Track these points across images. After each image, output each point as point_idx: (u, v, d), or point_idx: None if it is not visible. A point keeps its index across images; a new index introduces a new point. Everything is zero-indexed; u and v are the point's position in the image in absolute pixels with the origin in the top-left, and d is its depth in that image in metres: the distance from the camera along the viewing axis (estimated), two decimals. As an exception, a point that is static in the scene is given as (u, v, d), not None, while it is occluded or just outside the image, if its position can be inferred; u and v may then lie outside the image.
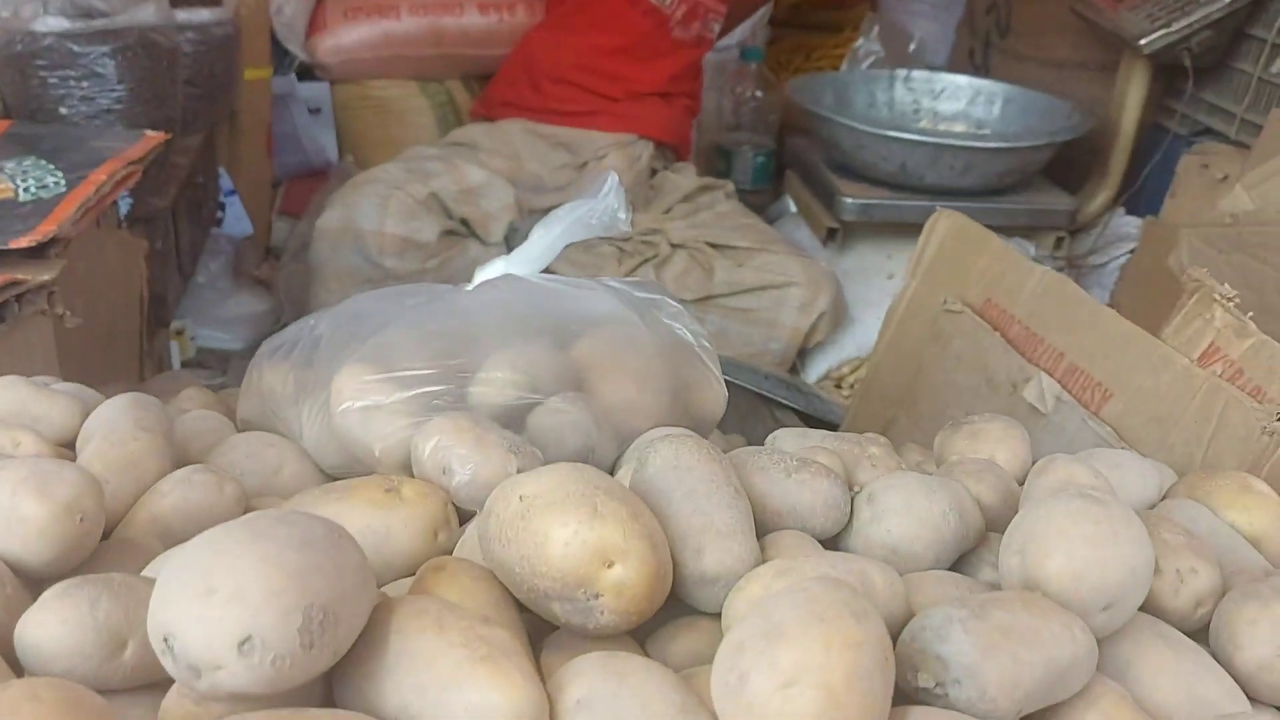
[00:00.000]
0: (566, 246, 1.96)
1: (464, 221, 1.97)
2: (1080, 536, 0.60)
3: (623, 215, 0.91)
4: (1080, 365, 1.14)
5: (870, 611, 0.51)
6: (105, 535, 0.70)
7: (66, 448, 0.78)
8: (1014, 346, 1.25)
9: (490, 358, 0.82)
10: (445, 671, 0.50)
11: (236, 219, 2.21)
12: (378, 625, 0.53)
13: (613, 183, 0.92)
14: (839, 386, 1.96)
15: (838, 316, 1.96)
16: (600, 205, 0.91)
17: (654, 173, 2.16)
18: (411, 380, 0.80)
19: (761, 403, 1.64)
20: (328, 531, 0.52)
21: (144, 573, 0.61)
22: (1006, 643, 0.54)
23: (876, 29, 2.58)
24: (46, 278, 1.12)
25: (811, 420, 1.63)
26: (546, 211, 1.01)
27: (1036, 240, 2.11)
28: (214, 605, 0.46)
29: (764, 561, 0.62)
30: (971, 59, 2.62)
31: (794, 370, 2.00)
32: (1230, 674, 0.64)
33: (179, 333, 1.98)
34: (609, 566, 0.56)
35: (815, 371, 1.99)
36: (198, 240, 2.00)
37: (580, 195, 0.96)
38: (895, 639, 0.58)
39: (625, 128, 2.18)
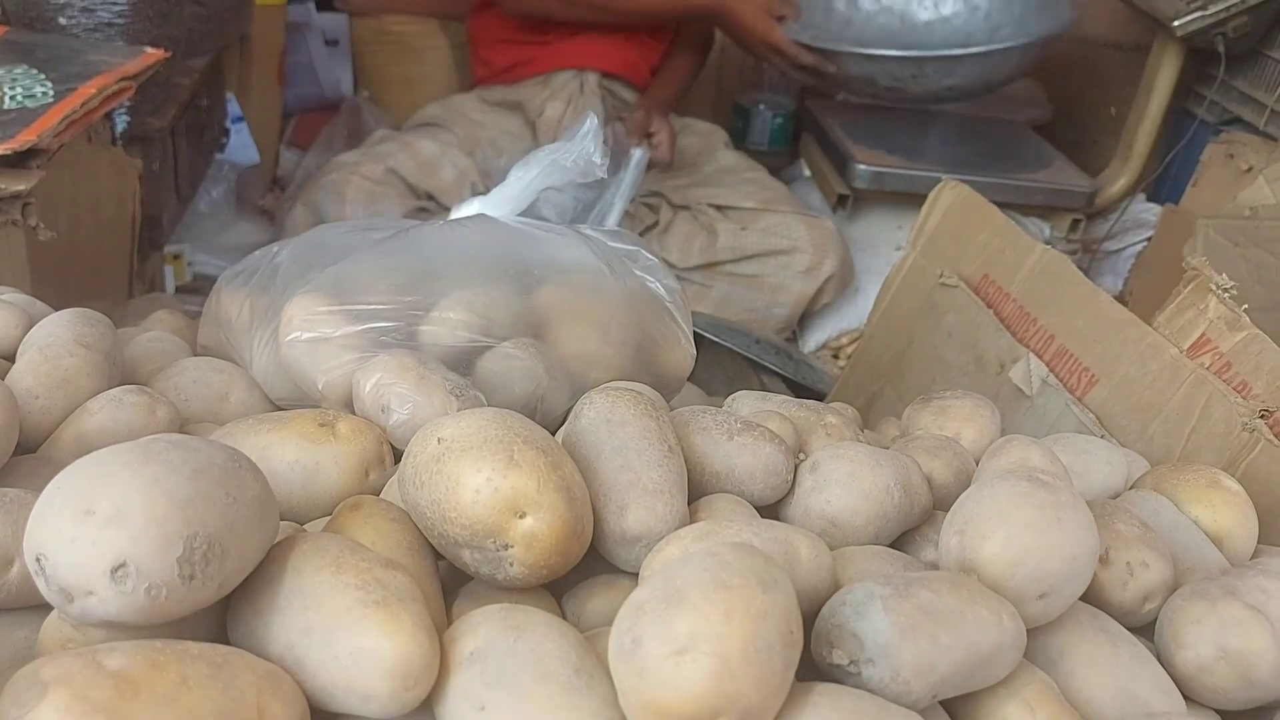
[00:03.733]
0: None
1: (431, 197, 1.93)
2: (1021, 521, 0.58)
3: (598, 160, 0.89)
4: (1070, 348, 1.12)
5: (781, 582, 0.49)
6: (30, 451, 0.69)
7: (7, 359, 0.77)
8: (1007, 325, 1.22)
9: (446, 297, 0.80)
10: (335, 613, 0.48)
11: (243, 146, 2.18)
12: (274, 561, 0.51)
13: (591, 125, 0.89)
14: (836, 356, 1.94)
15: (846, 278, 1.92)
16: (576, 148, 0.89)
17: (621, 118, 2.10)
18: (362, 314, 0.78)
19: (751, 368, 1.61)
20: (227, 460, 0.51)
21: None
22: (926, 624, 0.52)
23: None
24: (21, 188, 1.10)
25: (800, 388, 1.60)
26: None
27: (1052, 221, 2.07)
28: (89, 527, 0.45)
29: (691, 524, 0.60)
30: (1003, 30, 2.55)
31: (794, 337, 1.97)
32: (1170, 673, 0.62)
33: (176, 257, 1.96)
34: (520, 517, 0.54)
35: (814, 340, 1.96)
36: (198, 165, 1.97)
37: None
38: (818, 613, 0.56)
39: (560, 63, 2.09)
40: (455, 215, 0.98)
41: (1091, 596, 0.64)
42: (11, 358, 0.77)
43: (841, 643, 0.53)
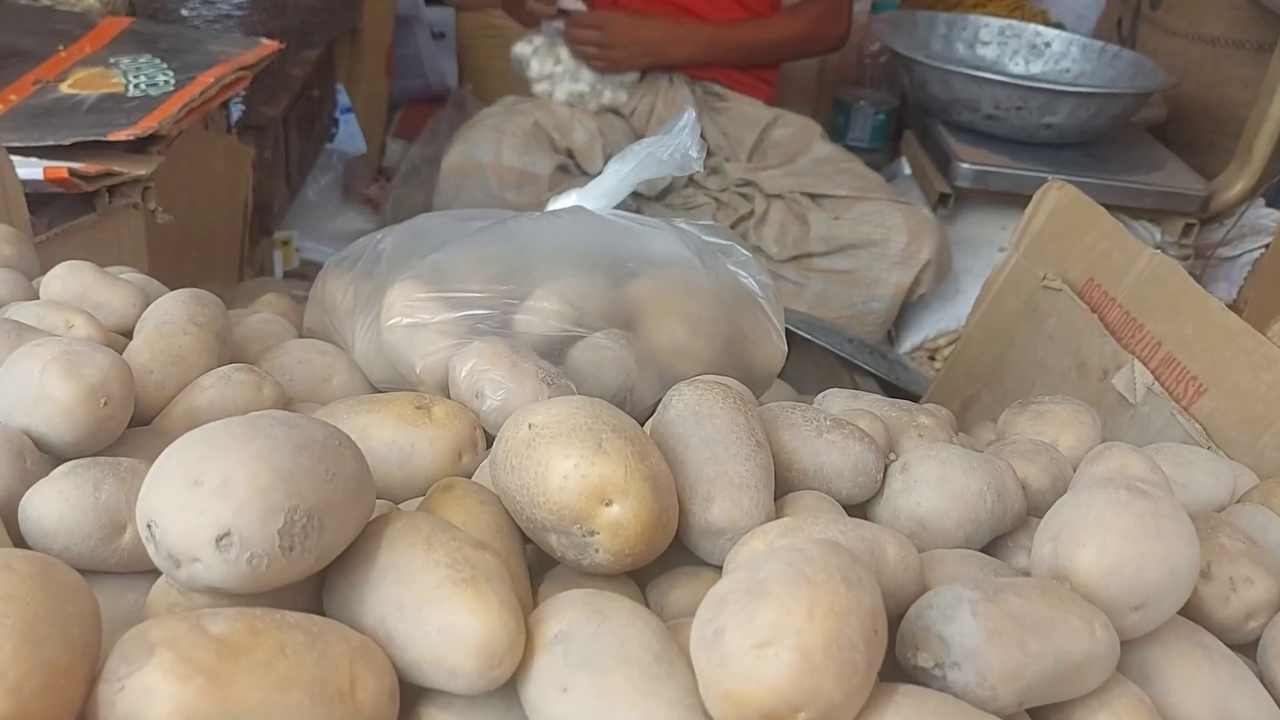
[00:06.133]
0: (663, 194, 1.94)
1: (570, 154, 1.96)
2: (1118, 529, 0.56)
3: (695, 154, 0.89)
4: (1177, 356, 1.08)
5: (866, 580, 0.49)
6: (145, 424, 0.72)
7: (125, 336, 0.80)
8: (1111, 331, 1.18)
9: (541, 287, 0.81)
10: (425, 589, 0.49)
11: (350, 136, 2.24)
12: (369, 537, 0.53)
13: (688, 120, 0.89)
14: (932, 358, 1.91)
15: (944, 267, 1.89)
16: (674, 142, 0.89)
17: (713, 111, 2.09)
18: (460, 302, 0.80)
19: (844, 367, 1.60)
20: (328, 438, 0.52)
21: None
22: (1015, 630, 0.51)
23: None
24: (142, 172, 1.15)
25: (895, 389, 1.58)
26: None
27: (1163, 225, 2.01)
28: (197, 497, 0.47)
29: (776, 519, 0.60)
30: (1119, 29, 2.48)
31: (890, 336, 1.94)
32: (1273, 694, 0.60)
33: (284, 243, 2.02)
34: (607, 504, 0.55)
35: (910, 341, 1.93)
36: (308, 153, 2.04)
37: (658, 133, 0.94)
38: (903, 615, 0.55)
39: None
40: (551, 207, 0.99)
41: (1191, 611, 0.62)
42: (128, 334, 0.81)
43: (927, 645, 0.52)
